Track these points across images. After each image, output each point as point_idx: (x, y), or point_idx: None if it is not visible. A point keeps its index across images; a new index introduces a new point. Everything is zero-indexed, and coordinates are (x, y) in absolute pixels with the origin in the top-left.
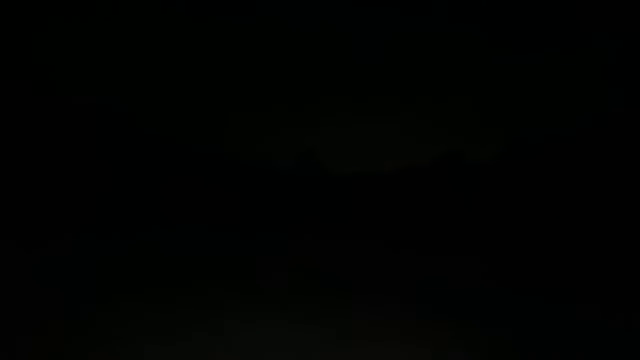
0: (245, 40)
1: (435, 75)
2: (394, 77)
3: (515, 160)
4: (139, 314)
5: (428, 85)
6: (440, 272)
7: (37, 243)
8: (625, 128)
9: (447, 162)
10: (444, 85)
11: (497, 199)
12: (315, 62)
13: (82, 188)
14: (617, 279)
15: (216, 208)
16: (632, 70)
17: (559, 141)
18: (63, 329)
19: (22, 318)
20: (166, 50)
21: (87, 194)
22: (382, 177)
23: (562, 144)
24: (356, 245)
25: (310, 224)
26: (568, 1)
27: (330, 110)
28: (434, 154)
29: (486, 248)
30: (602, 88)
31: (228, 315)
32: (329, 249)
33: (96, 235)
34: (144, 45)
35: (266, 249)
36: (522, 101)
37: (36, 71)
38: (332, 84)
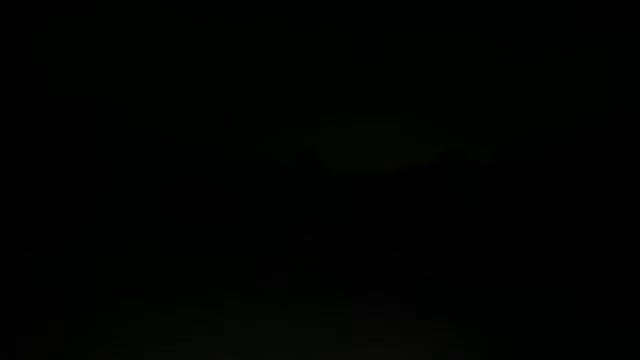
0: (245, 40)
1: (435, 75)
2: (394, 77)
3: (515, 160)
4: (139, 314)
5: (428, 85)
6: (440, 272)
7: (37, 243)
8: (625, 128)
9: (447, 162)
10: (444, 85)
11: (497, 199)
12: (315, 62)
13: (82, 188)
14: (617, 279)
15: (216, 208)
16: (632, 70)
17: (559, 141)
18: (63, 329)
19: (22, 318)
20: (166, 50)
21: (87, 194)
22: (382, 177)
23: (562, 144)
24: (356, 245)
25: (310, 224)
26: (568, 1)
27: (330, 110)
28: (434, 154)
29: (486, 248)
30: (602, 88)
31: (228, 315)
32: (329, 249)
33: (96, 235)
34: (144, 45)
35: (266, 249)
36: (522, 101)
37: (36, 71)
38: (332, 84)
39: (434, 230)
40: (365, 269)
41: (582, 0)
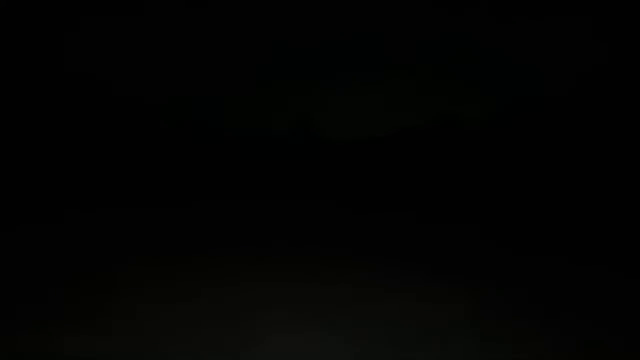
0: (241, 16)
1: (428, 46)
2: (388, 46)
3: (508, 123)
4: (142, 279)
5: (423, 55)
6: (438, 234)
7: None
8: (615, 85)
9: (441, 125)
10: (436, 55)
11: (491, 161)
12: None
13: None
14: (615, 240)
15: (215, 178)
16: (617, 28)
17: (551, 103)
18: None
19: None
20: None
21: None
22: (376, 142)
23: (553, 105)
24: (354, 209)
25: (307, 190)
26: None
27: (324, 78)
28: (428, 117)
29: (484, 210)
30: (587, 48)
31: (229, 281)
32: (328, 214)
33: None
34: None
35: (265, 216)
36: (512, 65)
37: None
38: (327, 59)
39: (432, 194)
40: (364, 232)
41: None
